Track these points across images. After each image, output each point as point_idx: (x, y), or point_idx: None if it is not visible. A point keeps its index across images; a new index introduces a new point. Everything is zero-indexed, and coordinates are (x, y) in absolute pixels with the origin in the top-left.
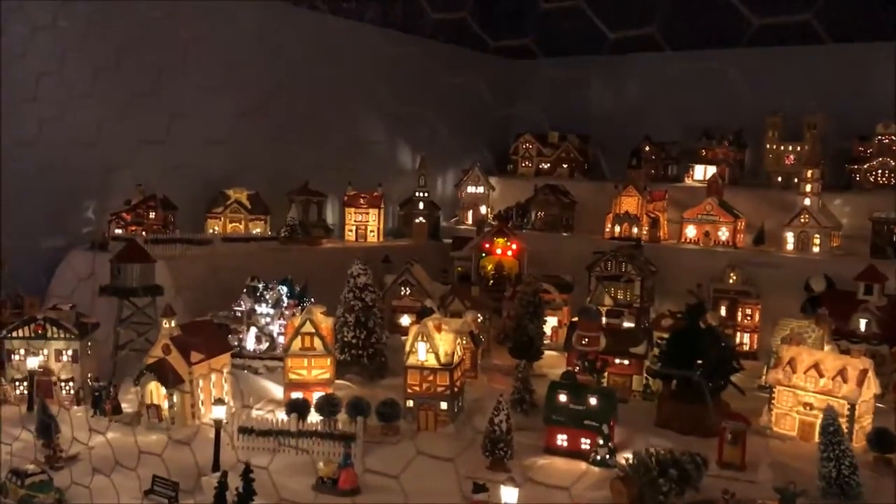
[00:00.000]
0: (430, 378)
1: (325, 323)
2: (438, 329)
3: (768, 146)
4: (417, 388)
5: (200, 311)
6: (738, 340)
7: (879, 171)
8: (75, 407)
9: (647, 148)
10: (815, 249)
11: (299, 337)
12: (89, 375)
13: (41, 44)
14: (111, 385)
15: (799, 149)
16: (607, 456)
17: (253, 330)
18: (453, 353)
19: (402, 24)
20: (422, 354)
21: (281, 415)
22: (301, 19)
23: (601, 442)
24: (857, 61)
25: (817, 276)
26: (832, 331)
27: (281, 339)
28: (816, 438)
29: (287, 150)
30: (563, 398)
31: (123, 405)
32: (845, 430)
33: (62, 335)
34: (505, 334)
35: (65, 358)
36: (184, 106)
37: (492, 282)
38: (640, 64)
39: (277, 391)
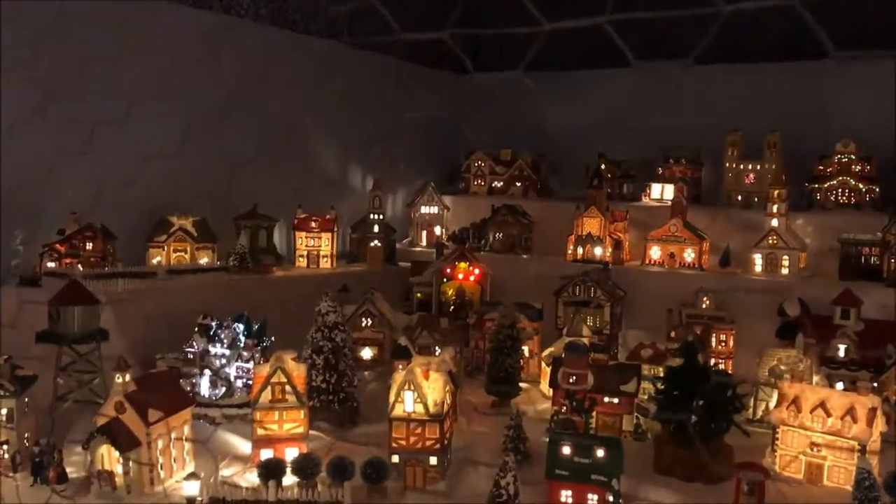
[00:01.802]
0: (419, 431)
1: (298, 371)
2: (426, 375)
3: (728, 164)
4: (404, 443)
5: (146, 353)
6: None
7: (840, 191)
8: (11, 475)
9: (603, 166)
10: (784, 271)
11: (269, 387)
12: (26, 436)
13: None
14: (54, 449)
15: (759, 167)
16: None
17: (207, 373)
18: (443, 403)
19: (349, 40)
20: (409, 405)
21: (252, 477)
22: (245, 33)
23: (610, 499)
24: (814, 79)
25: (791, 300)
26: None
27: (239, 384)
28: (825, 481)
29: (231, 171)
30: (566, 450)
31: (68, 470)
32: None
33: None
34: (475, 366)
35: None
36: (116, 118)
37: (452, 308)
38: (591, 80)
39: (240, 445)
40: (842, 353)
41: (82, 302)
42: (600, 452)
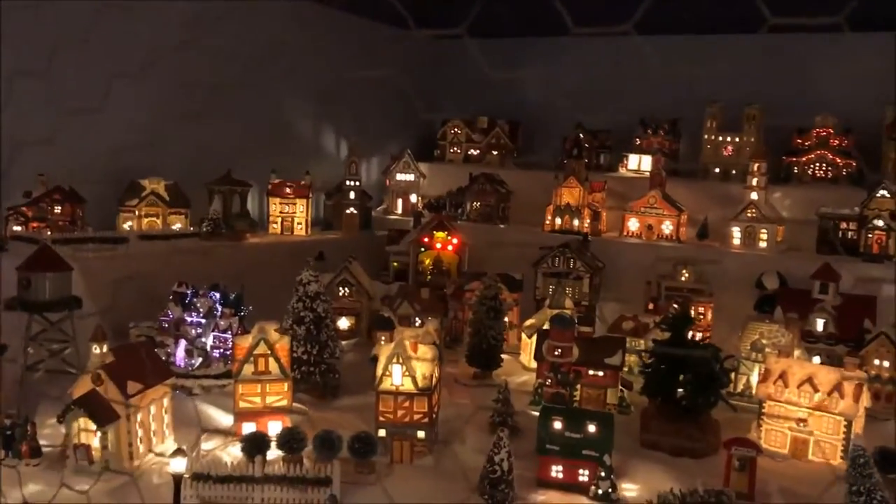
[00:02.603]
0: (406, 404)
1: (281, 342)
2: (415, 348)
3: (706, 136)
4: (391, 416)
5: (118, 321)
6: None
7: (817, 165)
8: None
9: (581, 136)
10: (762, 245)
11: (252, 360)
12: None
13: None
14: (27, 421)
15: (738, 140)
16: (609, 490)
17: (182, 343)
18: (432, 376)
19: None
20: (397, 378)
21: (234, 451)
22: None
23: (603, 474)
24: (793, 52)
25: (770, 274)
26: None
27: (216, 354)
28: (810, 456)
29: (202, 133)
30: (557, 425)
31: (41, 443)
32: (841, 449)
33: None
34: (453, 337)
35: None
36: (84, 80)
37: (429, 277)
38: (569, 49)
39: (220, 417)
40: (820, 328)
41: (54, 268)
42: (592, 428)
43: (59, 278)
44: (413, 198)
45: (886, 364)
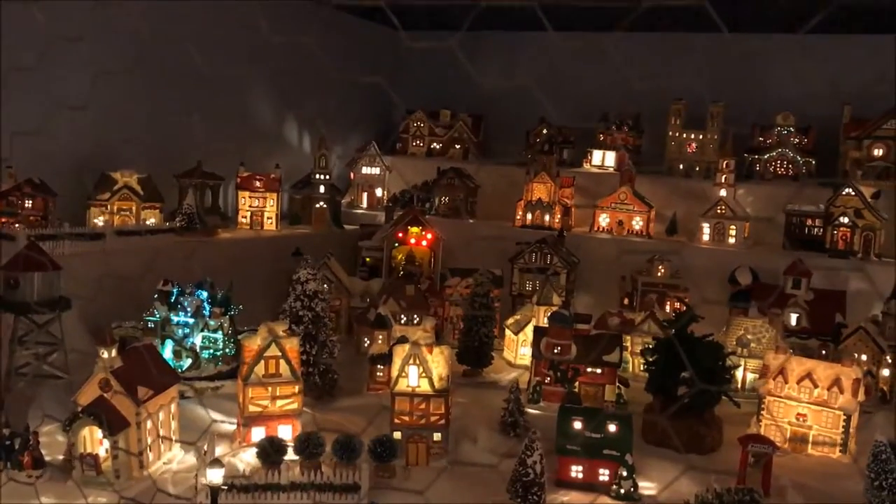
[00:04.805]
0: (423, 406)
1: (291, 344)
2: (430, 350)
3: (670, 133)
4: (407, 418)
5: (96, 321)
6: None
7: (779, 162)
8: None
9: (545, 131)
10: (731, 240)
11: (262, 362)
12: None
13: None
14: (28, 430)
15: (701, 137)
16: (632, 489)
17: (169, 343)
18: (448, 377)
19: None
20: (413, 379)
21: (246, 457)
22: None
23: (625, 473)
24: (752, 51)
25: (743, 269)
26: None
27: (205, 354)
28: (809, 450)
29: (168, 126)
30: (577, 425)
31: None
32: (840, 442)
33: None
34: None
35: None
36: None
37: (402, 273)
38: (528, 43)
39: (217, 421)
40: (793, 322)
41: (43, 267)
42: (612, 427)
43: (48, 278)
44: (378, 191)
45: (864, 357)
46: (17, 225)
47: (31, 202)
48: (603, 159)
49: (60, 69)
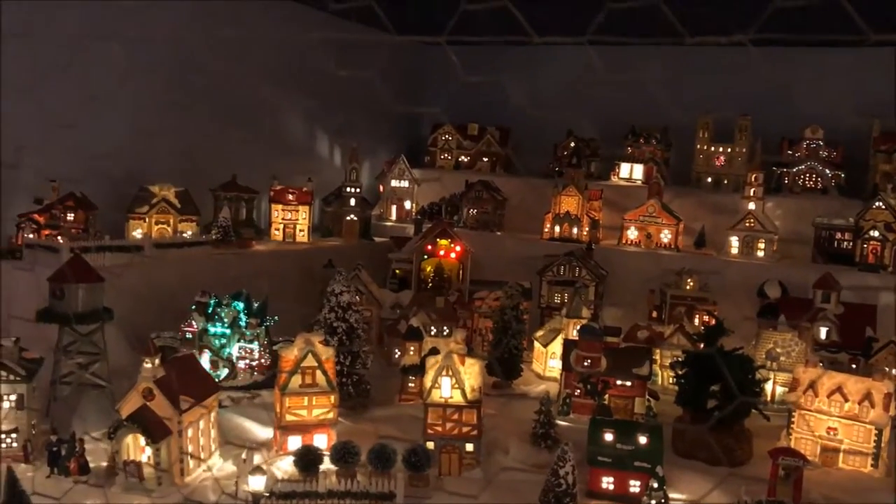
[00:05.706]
0: (455, 416)
1: (327, 354)
2: (463, 361)
3: (699, 146)
4: (440, 429)
5: (135, 331)
6: None
7: (807, 175)
8: (22, 465)
9: (572, 144)
10: (760, 254)
11: (299, 373)
12: (33, 423)
13: None
14: (74, 438)
15: (730, 150)
16: (662, 501)
17: (207, 354)
18: (480, 388)
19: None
20: (446, 390)
21: (284, 465)
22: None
23: (655, 485)
24: (780, 66)
25: (772, 283)
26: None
27: (242, 364)
28: (840, 464)
29: (202, 140)
30: (608, 437)
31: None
32: (871, 456)
33: (5, 377)
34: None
35: (6, 405)
36: (93, 88)
37: (430, 285)
38: (556, 57)
39: (255, 430)
40: (823, 336)
41: (87, 279)
42: (643, 439)
43: (92, 289)
44: (407, 204)
45: (895, 372)
46: (59, 237)
47: (72, 215)
48: (631, 172)
49: (100, 81)
